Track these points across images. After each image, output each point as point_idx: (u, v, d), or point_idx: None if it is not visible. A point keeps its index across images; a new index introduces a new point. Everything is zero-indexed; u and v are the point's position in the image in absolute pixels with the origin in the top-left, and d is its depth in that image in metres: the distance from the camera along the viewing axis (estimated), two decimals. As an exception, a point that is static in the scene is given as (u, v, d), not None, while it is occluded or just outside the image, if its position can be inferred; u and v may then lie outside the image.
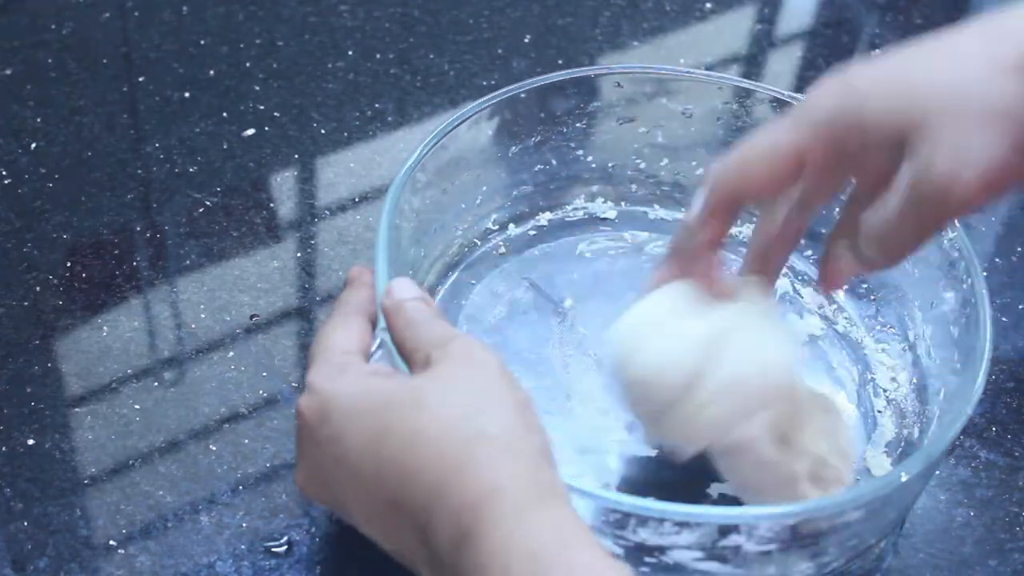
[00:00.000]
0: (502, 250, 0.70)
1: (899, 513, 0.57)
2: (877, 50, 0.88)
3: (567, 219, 0.72)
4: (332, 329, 0.52)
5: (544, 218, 0.71)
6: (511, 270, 0.69)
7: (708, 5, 0.91)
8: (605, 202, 0.72)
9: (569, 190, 0.72)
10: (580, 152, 0.71)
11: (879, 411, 0.63)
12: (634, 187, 0.72)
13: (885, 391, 0.63)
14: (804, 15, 0.93)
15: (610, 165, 0.72)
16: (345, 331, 0.52)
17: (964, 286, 0.58)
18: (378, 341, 0.52)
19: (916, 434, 0.60)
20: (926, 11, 0.91)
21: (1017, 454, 0.63)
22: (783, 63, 0.89)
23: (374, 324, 0.53)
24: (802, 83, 0.85)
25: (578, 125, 0.70)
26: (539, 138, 0.69)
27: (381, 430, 0.46)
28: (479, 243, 0.70)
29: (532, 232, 0.71)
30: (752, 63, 0.88)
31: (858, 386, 0.64)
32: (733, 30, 0.90)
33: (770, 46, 0.90)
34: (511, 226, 0.71)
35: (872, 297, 0.67)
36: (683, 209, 0.70)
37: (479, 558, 0.42)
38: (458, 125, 0.63)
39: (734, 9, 0.92)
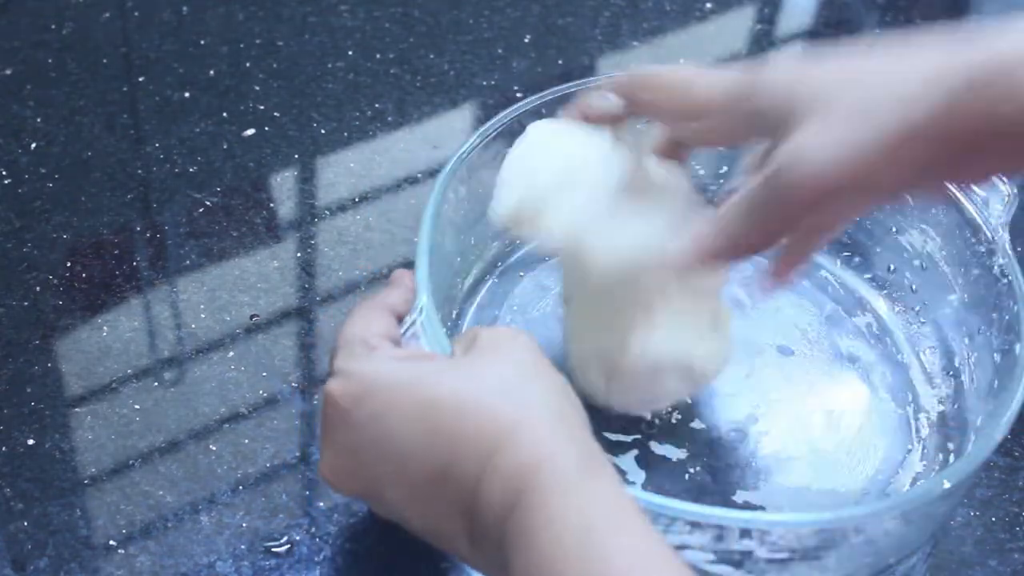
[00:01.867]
0: None
1: (919, 535, 0.56)
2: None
3: None
4: (356, 320, 0.52)
5: None
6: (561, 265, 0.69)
7: (708, 5, 0.91)
8: None
9: None
10: None
11: (919, 434, 0.62)
12: None
13: (927, 413, 0.63)
14: (804, 15, 0.93)
15: None
16: (368, 321, 0.52)
17: (1009, 312, 0.58)
18: (410, 322, 0.52)
19: (953, 459, 0.59)
20: (926, 11, 0.91)
21: (1017, 454, 0.63)
22: (783, 63, 0.89)
23: (399, 320, 0.53)
24: (802, 83, 0.85)
25: (638, 127, 0.69)
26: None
27: (430, 400, 0.46)
28: None
29: None
30: (752, 63, 0.88)
31: (899, 407, 0.63)
32: (733, 30, 0.90)
33: (770, 46, 0.90)
34: None
35: (921, 321, 0.66)
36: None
37: (530, 523, 0.42)
38: (516, 116, 0.63)
39: (734, 9, 0.92)
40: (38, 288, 0.68)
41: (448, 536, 0.47)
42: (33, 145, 0.76)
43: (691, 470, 0.59)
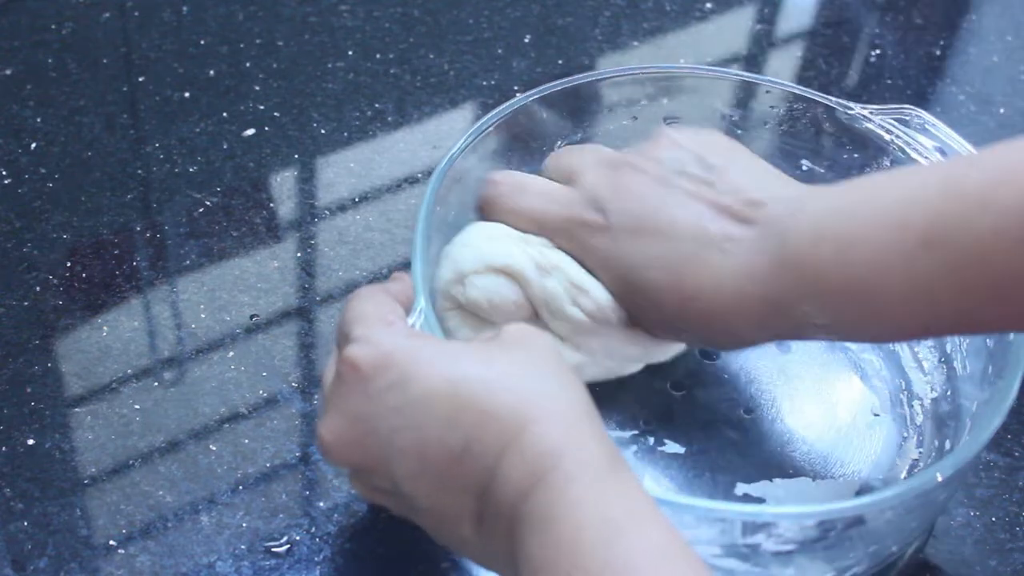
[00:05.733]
0: None
1: (920, 523, 0.56)
2: (877, 50, 0.88)
3: None
4: (365, 299, 0.52)
5: None
6: None
7: (708, 5, 0.91)
8: None
9: None
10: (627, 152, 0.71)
11: (914, 422, 0.62)
12: None
13: (920, 401, 0.63)
14: (804, 15, 0.93)
15: None
16: (378, 302, 0.52)
17: None
18: (417, 311, 0.52)
19: (949, 446, 0.59)
20: (926, 11, 0.91)
21: (1017, 454, 0.63)
22: (783, 63, 0.89)
23: (403, 308, 0.53)
24: (802, 83, 0.85)
25: (624, 123, 0.69)
26: (582, 135, 0.69)
27: (457, 376, 0.46)
28: None
29: None
30: (752, 63, 0.88)
31: (893, 396, 0.63)
32: (733, 30, 0.90)
33: (770, 46, 0.90)
34: None
35: None
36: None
37: (550, 509, 0.42)
38: (507, 114, 0.63)
39: (734, 9, 0.92)
40: (38, 288, 0.68)
41: (452, 517, 0.46)
42: (33, 145, 0.76)
43: (690, 465, 0.59)
